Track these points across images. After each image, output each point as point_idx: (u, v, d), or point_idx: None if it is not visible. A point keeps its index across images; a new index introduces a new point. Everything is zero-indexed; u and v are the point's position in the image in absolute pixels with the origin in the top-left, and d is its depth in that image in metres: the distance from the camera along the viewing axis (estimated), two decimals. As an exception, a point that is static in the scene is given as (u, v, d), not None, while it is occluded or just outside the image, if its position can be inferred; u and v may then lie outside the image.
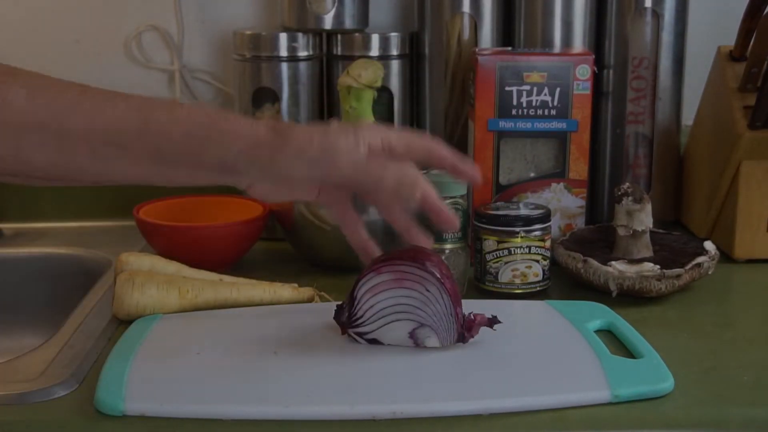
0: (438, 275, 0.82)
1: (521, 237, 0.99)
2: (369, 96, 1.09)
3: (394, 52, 1.24)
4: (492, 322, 0.85)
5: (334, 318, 0.86)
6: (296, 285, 0.99)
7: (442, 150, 0.81)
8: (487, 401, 0.75)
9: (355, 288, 0.84)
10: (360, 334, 0.85)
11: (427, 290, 0.82)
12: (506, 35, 1.24)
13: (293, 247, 1.14)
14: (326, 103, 1.29)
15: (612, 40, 1.21)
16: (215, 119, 0.75)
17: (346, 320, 0.85)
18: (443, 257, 1.00)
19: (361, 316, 0.84)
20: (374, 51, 1.23)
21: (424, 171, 1.06)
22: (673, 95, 1.22)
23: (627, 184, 1.03)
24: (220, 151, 0.74)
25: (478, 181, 0.83)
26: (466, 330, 0.84)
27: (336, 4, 1.22)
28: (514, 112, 1.08)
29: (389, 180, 0.77)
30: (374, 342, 0.84)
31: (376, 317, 0.84)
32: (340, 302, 0.86)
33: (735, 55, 1.15)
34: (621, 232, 1.03)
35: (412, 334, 0.84)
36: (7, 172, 0.74)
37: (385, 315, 0.84)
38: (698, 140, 1.22)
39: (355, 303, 0.84)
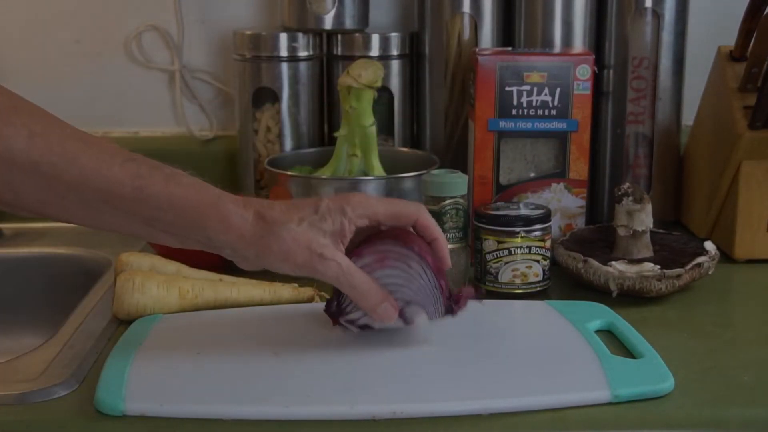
0: (417, 250, 0.82)
1: (521, 237, 0.99)
2: (369, 96, 1.09)
3: (394, 52, 1.24)
4: (479, 293, 0.86)
5: (325, 311, 0.86)
6: (296, 285, 0.99)
7: (427, 219, 0.83)
8: (487, 401, 0.75)
9: None
10: (351, 322, 0.85)
11: (410, 266, 0.82)
12: (506, 35, 1.24)
13: (293, 247, 1.14)
14: (326, 103, 1.29)
15: (612, 40, 1.21)
16: (208, 202, 0.76)
17: (336, 310, 0.85)
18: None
19: (350, 303, 0.84)
20: (374, 51, 1.23)
21: (425, 172, 1.06)
22: (673, 95, 1.22)
23: (627, 184, 1.03)
24: (208, 235, 0.77)
25: (447, 265, 0.85)
26: (453, 303, 0.84)
27: (336, 4, 1.22)
28: (514, 112, 1.08)
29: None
30: (366, 328, 0.85)
31: None
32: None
33: (735, 55, 1.15)
34: (621, 232, 1.03)
35: (400, 313, 0.83)
36: None
37: None
38: (698, 140, 1.22)
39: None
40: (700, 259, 1.00)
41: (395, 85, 1.25)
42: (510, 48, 1.21)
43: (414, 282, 0.83)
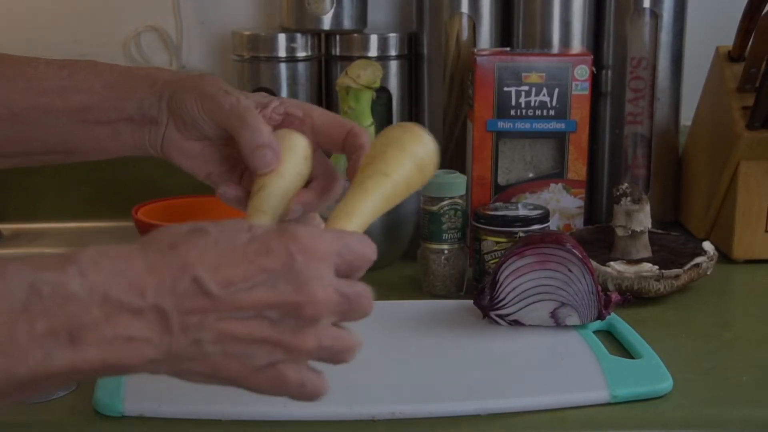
0: (580, 255, 0.85)
1: (520, 238, 0.99)
2: (367, 96, 1.09)
3: (393, 52, 1.24)
4: (625, 300, 0.90)
5: (475, 303, 0.89)
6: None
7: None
8: (487, 401, 0.75)
9: (498, 272, 0.87)
10: (501, 316, 0.88)
11: (570, 270, 0.86)
12: (505, 36, 1.24)
13: (292, 248, 1.14)
14: (325, 104, 1.29)
15: (610, 41, 1.21)
16: None
17: (488, 303, 0.88)
18: (443, 257, 1.00)
19: (503, 299, 0.87)
20: (373, 51, 1.23)
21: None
22: (671, 95, 1.22)
23: (625, 184, 1.03)
24: None
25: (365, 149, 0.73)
26: (603, 307, 0.87)
27: (335, 5, 1.22)
28: (512, 112, 1.08)
29: None
30: (515, 323, 0.88)
31: (519, 299, 0.87)
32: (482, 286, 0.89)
33: (733, 56, 1.15)
34: (620, 232, 1.03)
35: (553, 314, 0.87)
36: None
37: (528, 296, 0.87)
38: (697, 141, 1.22)
39: (498, 286, 0.87)
40: (698, 260, 1.00)
41: (394, 85, 1.25)
42: (508, 48, 1.21)
43: (572, 286, 0.86)
